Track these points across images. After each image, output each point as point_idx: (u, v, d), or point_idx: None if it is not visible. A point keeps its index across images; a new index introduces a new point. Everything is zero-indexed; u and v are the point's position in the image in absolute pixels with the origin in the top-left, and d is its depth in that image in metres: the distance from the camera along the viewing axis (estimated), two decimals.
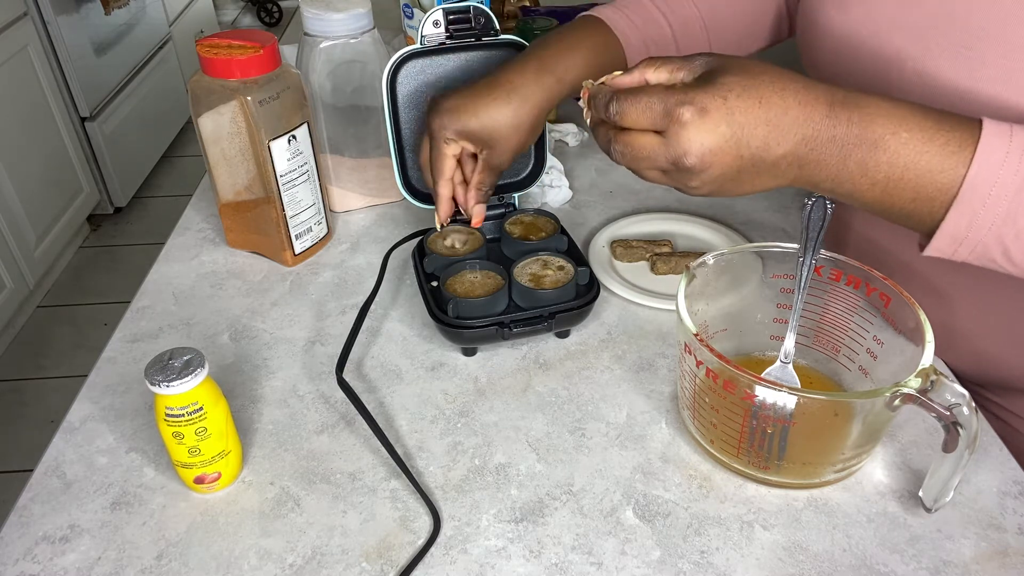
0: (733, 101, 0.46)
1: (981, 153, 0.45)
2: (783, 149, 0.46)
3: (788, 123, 0.46)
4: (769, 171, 0.48)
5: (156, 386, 0.51)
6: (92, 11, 2.36)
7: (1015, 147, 0.45)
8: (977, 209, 0.45)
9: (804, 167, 0.48)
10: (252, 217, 0.79)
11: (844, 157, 0.47)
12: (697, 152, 0.46)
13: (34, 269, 2.12)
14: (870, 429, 0.53)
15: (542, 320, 0.67)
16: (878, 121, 0.46)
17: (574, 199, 0.90)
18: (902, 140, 0.46)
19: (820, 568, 0.51)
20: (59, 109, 2.23)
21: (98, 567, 0.52)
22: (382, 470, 0.59)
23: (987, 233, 0.46)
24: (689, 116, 0.46)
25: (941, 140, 0.46)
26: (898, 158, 0.46)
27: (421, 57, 0.74)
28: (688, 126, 0.46)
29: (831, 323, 0.61)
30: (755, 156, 0.47)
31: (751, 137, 0.46)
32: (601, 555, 0.53)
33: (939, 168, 0.46)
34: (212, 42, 0.71)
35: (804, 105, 0.46)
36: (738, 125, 0.46)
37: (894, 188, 0.47)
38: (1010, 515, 0.54)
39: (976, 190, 0.45)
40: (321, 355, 0.69)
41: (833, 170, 0.47)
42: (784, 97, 0.46)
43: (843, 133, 0.46)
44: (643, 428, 0.62)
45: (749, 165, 0.47)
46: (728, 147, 0.46)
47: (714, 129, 0.46)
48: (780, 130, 0.46)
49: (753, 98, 0.46)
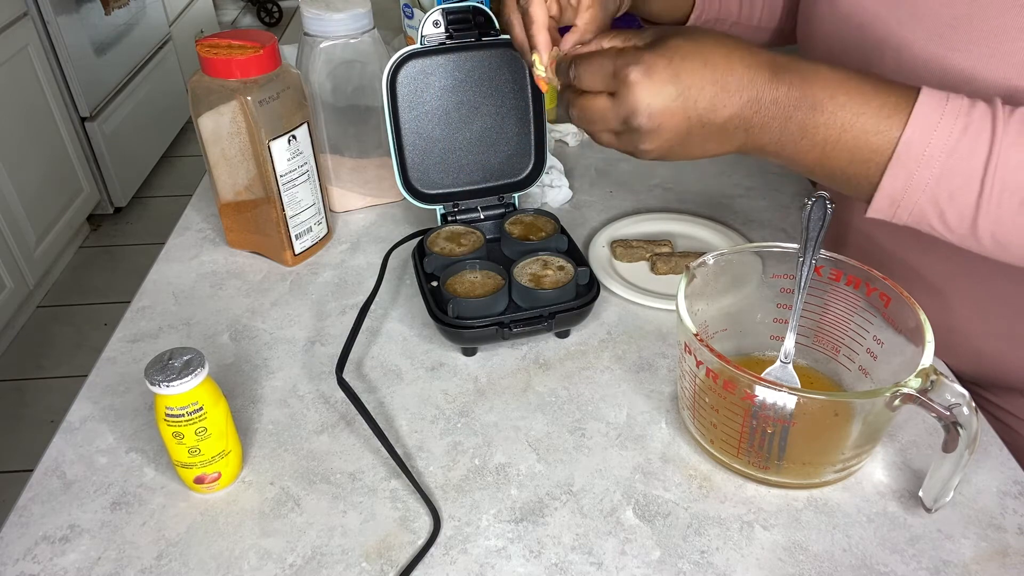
0: (679, 62, 0.47)
1: (916, 116, 0.46)
2: (729, 111, 0.48)
3: (734, 84, 0.47)
4: (717, 134, 0.49)
5: (156, 386, 0.51)
6: (92, 11, 2.36)
7: (949, 110, 0.46)
8: (912, 170, 0.47)
9: (750, 130, 0.49)
10: (252, 217, 0.79)
11: (786, 119, 0.48)
12: (645, 111, 0.47)
13: (34, 269, 2.12)
14: (870, 429, 0.53)
15: (542, 320, 0.67)
16: (818, 84, 0.48)
17: (574, 199, 0.90)
18: (839, 103, 0.47)
19: (820, 568, 0.51)
20: (59, 109, 2.23)
21: (98, 567, 0.52)
22: (382, 470, 0.59)
23: (922, 194, 0.47)
24: (636, 76, 0.47)
25: (877, 103, 0.47)
26: (835, 119, 0.47)
27: (421, 57, 0.74)
28: (635, 86, 0.47)
29: (831, 323, 0.61)
30: (703, 117, 0.48)
31: (698, 97, 0.47)
32: (601, 555, 0.53)
33: (874, 130, 0.47)
34: (212, 42, 0.71)
35: (749, 68, 0.48)
36: (684, 85, 0.47)
37: (832, 150, 0.48)
38: (1010, 515, 0.54)
39: (910, 152, 0.46)
40: (321, 355, 0.69)
41: (776, 133, 0.49)
42: (730, 60, 0.48)
43: (785, 95, 0.48)
44: (643, 428, 0.62)
45: (698, 126, 0.48)
46: (676, 107, 0.47)
47: (661, 89, 0.47)
48: (727, 91, 0.47)
49: (699, 59, 0.47)
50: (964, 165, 0.46)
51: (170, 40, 2.90)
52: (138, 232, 2.51)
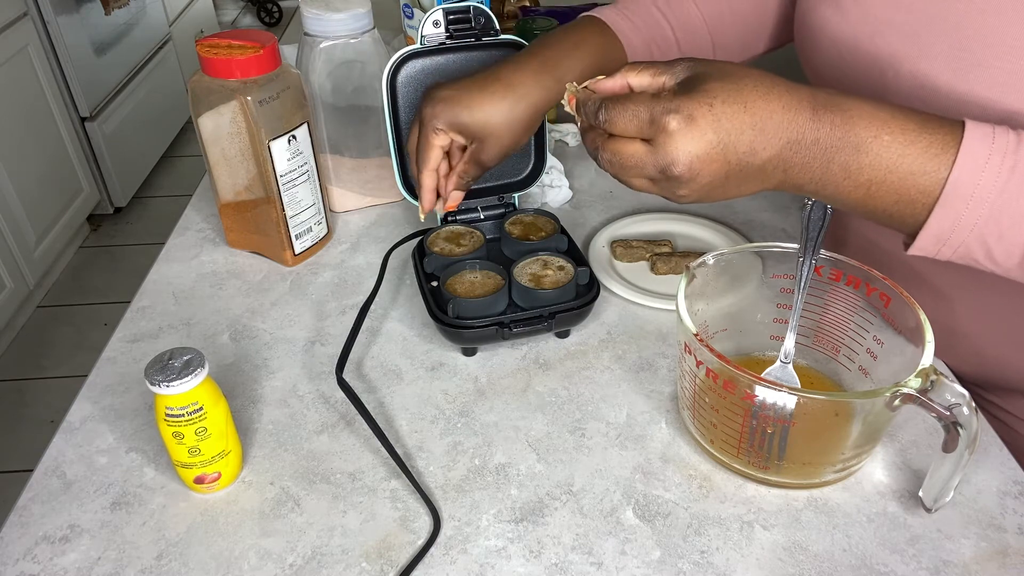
0: (719, 107, 0.46)
1: (963, 155, 0.45)
2: (769, 153, 0.47)
3: (773, 127, 0.46)
4: (756, 175, 0.48)
5: (156, 386, 0.51)
6: (92, 11, 2.36)
7: (997, 148, 0.45)
8: (960, 211, 0.46)
9: (789, 170, 0.48)
10: (252, 217, 0.79)
11: (828, 160, 0.47)
12: (685, 160, 0.46)
13: (34, 269, 2.12)
14: (870, 429, 0.53)
15: (542, 320, 0.67)
16: (860, 124, 0.46)
17: (574, 199, 0.90)
18: (884, 143, 0.46)
19: (820, 568, 0.51)
20: (59, 109, 2.23)
21: (98, 567, 0.52)
22: (382, 470, 0.59)
23: (970, 234, 0.46)
24: (676, 125, 0.46)
25: (923, 143, 0.46)
26: (880, 161, 0.46)
27: (421, 57, 0.74)
28: (675, 135, 0.46)
29: (831, 323, 0.61)
30: (742, 161, 0.47)
31: (738, 143, 0.46)
32: (601, 555, 0.53)
33: (921, 171, 0.46)
34: (212, 42, 0.71)
35: (788, 109, 0.46)
36: (725, 132, 0.46)
37: (877, 190, 0.47)
38: (1010, 515, 0.54)
39: (958, 192, 0.45)
40: (321, 355, 0.69)
41: (817, 173, 0.47)
42: (769, 101, 0.46)
43: (827, 136, 0.46)
44: (643, 428, 0.62)
45: (736, 171, 0.47)
46: (716, 154, 0.46)
47: (701, 137, 0.46)
48: (766, 134, 0.46)
49: (738, 103, 0.46)
50: (1014, 205, 0.45)
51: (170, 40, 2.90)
52: (138, 232, 2.51)
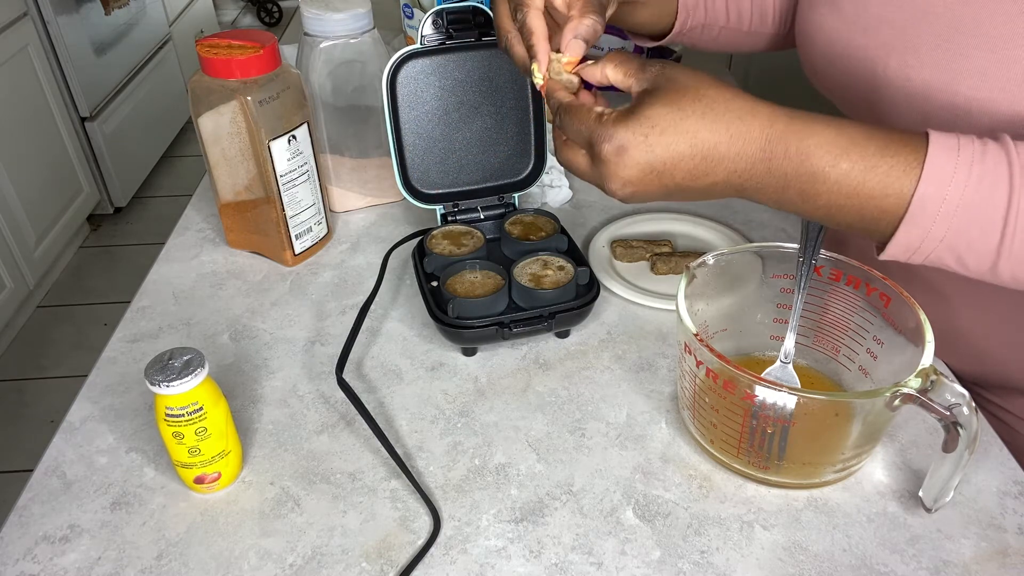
0: (654, 138, 0.46)
1: (928, 171, 0.44)
2: (713, 179, 0.47)
3: (718, 157, 0.46)
4: (704, 193, 0.49)
5: (156, 386, 0.51)
6: (92, 11, 2.36)
7: (963, 160, 0.44)
8: (928, 226, 0.45)
9: (742, 191, 0.48)
10: (252, 217, 0.79)
11: (783, 187, 0.47)
12: (617, 182, 0.48)
13: (34, 269, 2.12)
14: (870, 429, 0.53)
15: (542, 320, 0.67)
16: (816, 155, 0.45)
17: (574, 199, 0.90)
18: (842, 171, 0.45)
19: (820, 568, 0.51)
20: (59, 109, 2.23)
21: (98, 567, 0.52)
22: (382, 470, 0.59)
23: (939, 244, 0.46)
24: (607, 152, 0.47)
25: (885, 167, 0.45)
26: (839, 188, 0.46)
27: (421, 57, 0.74)
28: (607, 162, 0.48)
29: (831, 323, 0.61)
30: (681, 185, 0.48)
31: (674, 171, 0.47)
32: (601, 555, 0.53)
33: (882, 194, 0.45)
34: (212, 42, 0.71)
35: (735, 140, 0.46)
36: (659, 160, 0.46)
37: (838, 213, 0.47)
38: (1010, 515, 0.55)
39: (925, 209, 0.45)
40: (321, 355, 0.69)
41: (773, 196, 0.48)
42: (715, 131, 0.46)
43: (779, 167, 0.46)
44: (643, 428, 0.62)
45: (677, 191, 0.48)
46: (650, 178, 0.47)
47: (633, 164, 0.47)
48: (709, 162, 0.46)
49: (678, 134, 0.46)
50: (982, 216, 0.44)
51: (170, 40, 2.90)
52: (138, 232, 2.51)
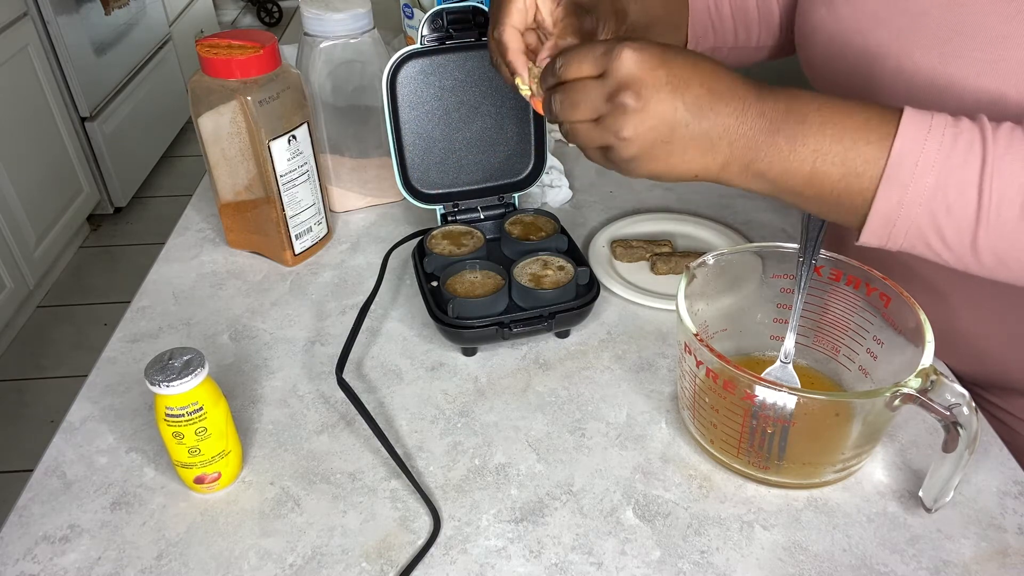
0: (671, 55, 0.48)
1: (904, 127, 0.46)
2: (716, 116, 0.48)
3: (721, 90, 0.48)
4: (701, 139, 0.48)
5: (156, 386, 0.51)
6: (92, 11, 2.36)
7: (936, 124, 0.46)
8: (906, 181, 0.46)
9: (735, 142, 0.48)
10: (252, 217, 0.79)
11: (774, 131, 0.48)
12: (636, 83, 0.47)
13: (34, 269, 2.12)
14: (870, 429, 0.53)
15: (542, 320, 0.67)
16: (803, 99, 0.48)
17: (574, 199, 0.90)
18: (826, 115, 0.48)
19: (820, 568, 0.51)
20: (59, 109, 2.23)
21: (98, 567, 0.52)
22: (382, 470, 0.59)
23: (919, 209, 0.46)
24: (629, 50, 0.47)
25: (864, 116, 0.47)
26: (824, 130, 0.47)
27: (421, 57, 0.74)
28: (627, 58, 0.47)
29: (831, 323, 0.61)
30: (689, 112, 0.47)
31: (686, 92, 0.47)
32: (601, 555, 0.53)
33: (864, 140, 0.47)
34: (212, 42, 0.71)
35: (735, 81, 0.49)
36: (674, 74, 0.47)
37: (822, 163, 0.48)
38: (1010, 515, 0.54)
39: (903, 162, 0.46)
40: (321, 355, 0.69)
41: (763, 145, 0.48)
42: (717, 69, 0.49)
43: (771, 108, 0.48)
44: (643, 428, 0.62)
45: (683, 125, 0.48)
46: (665, 92, 0.47)
47: (652, 68, 0.47)
48: (714, 95, 0.48)
49: (688, 61, 0.48)
50: (959, 175, 0.45)
51: (170, 40, 2.90)
52: (138, 232, 2.51)
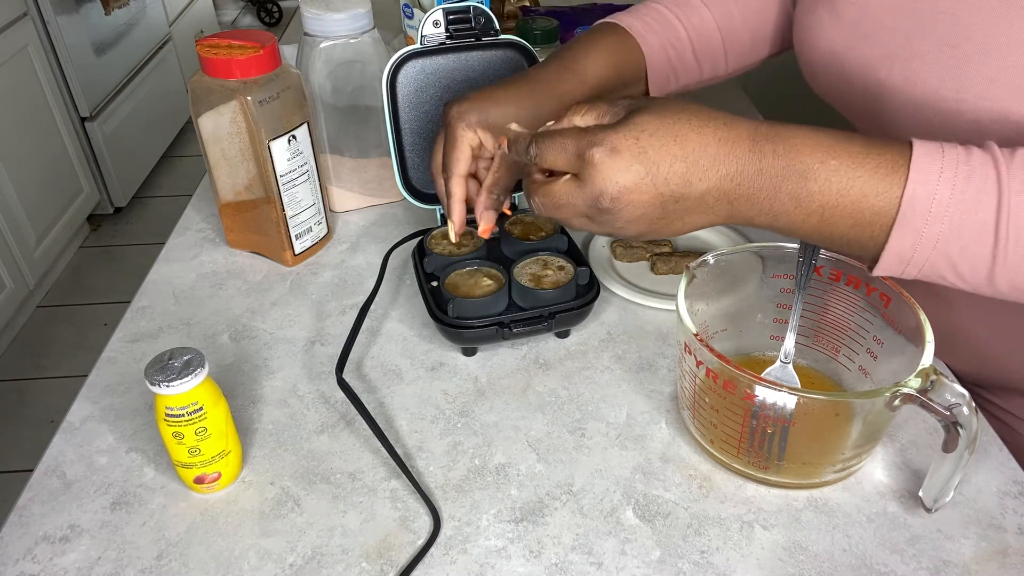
0: (645, 140, 0.46)
1: (915, 171, 0.44)
2: (706, 185, 0.46)
3: (708, 159, 0.46)
4: (697, 207, 0.48)
5: (156, 386, 0.51)
6: (92, 11, 2.36)
7: (948, 162, 0.44)
8: (919, 228, 0.45)
9: (734, 202, 0.47)
10: (252, 217, 0.79)
11: (775, 189, 0.46)
12: (612, 191, 0.46)
13: (34, 269, 2.12)
14: (870, 429, 0.53)
15: (542, 320, 0.67)
16: (804, 151, 0.46)
17: None
18: (831, 168, 0.45)
19: (820, 568, 0.51)
20: (59, 109, 2.23)
21: (98, 567, 0.52)
22: (382, 470, 0.59)
23: (933, 250, 0.45)
24: (600, 156, 0.46)
25: (872, 164, 0.45)
26: (830, 186, 0.45)
27: (421, 57, 0.74)
28: (599, 166, 0.46)
29: (831, 323, 0.61)
30: (676, 193, 0.47)
31: (669, 174, 0.46)
32: (601, 555, 0.53)
33: (874, 192, 0.45)
34: (212, 42, 0.71)
35: (724, 142, 0.46)
36: (652, 163, 0.46)
37: (831, 216, 0.46)
38: (1010, 515, 0.55)
39: (915, 209, 0.44)
40: (321, 355, 0.69)
41: (765, 204, 0.47)
42: (703, 135, 0.46)
43: (770, 165, 0.46)
44: (643, 428, 0.62)
45: (672, 202, 0.47)
46: (644, 185, 0.46)
47: (627, 168, 0.46)
48: (700, 166, 0.46)
49: (668, 135, 0.46)
50: (974, 217, 0.44)
51: (170, 40, 2.90)
52: (138, 232, 2.51)
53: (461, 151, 0.62)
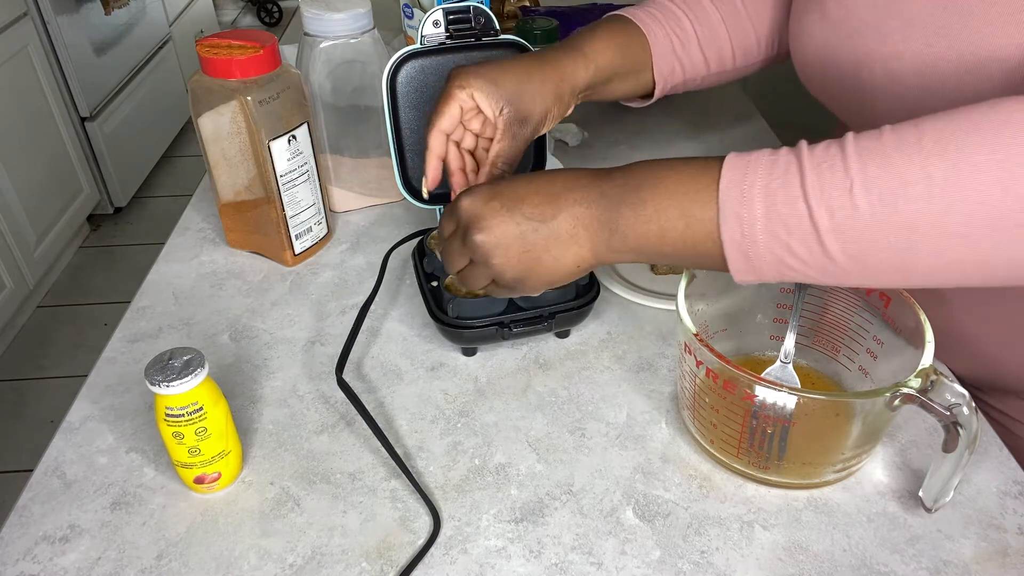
0: (503, 185, 0.54)
1: (726, 168, 0.48)
2: (559, 212, 0.52)
3: (557, 191, 0.53)
4: (560, 237, 0.52)
5: (156, 386, 0.51)
6: (92, 11, 2.36)
7: (755, 157, 0.48)
8: (739, 212, 0.46)
9: (588, 227, 0.52)
10: (252, 217, 0.79)
11: (617, 205, 0.51)
12: (475, 218, 0.53)
13: (34, 269, 2.12)
14: (870, 429, 0.53)
15: (542, 320, 0.67)
16: (637, 171, 0.52)
17: None
18: (659, 178, 0.50)
19: (820, 568, 0.51)
20: (59, 109, 2.23)
21: (98, 567, 0.52)
22: (382, 470, 0.59)
23: (762, 235, 0.46)
24: (461, 199, 0.55)
25: (691, 170, 0.49)
26: (658, 192, 0.50)
27: (421, 57, 0.74)
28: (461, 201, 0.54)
29: (831, 323, 0.61)
30: (532, 220, 0.52)
31: (522, 205, 0.52)
32: (601, 555, 0.53)
33: (694, 188, 0.49)
34: (212, 42, 0.71)
35: (570, 177, 0.54)
36: (507, 198, 0.53)
37: (666, 220, 0.49)
38: (1010, 515, 0.55)
39: (729, 196, 0.47)
40: (321, 355, 0.69)
41: (614, 220, 0.51)
42: (552, 178, 0.54)
43: (609, 187, 0.52)
44: (643, 428, 0.62)
45: (531, 231, 0.52)
46: (503, 215, 0.52)
47: (486, 201, 0.53)
48: (552, 197, 0.52)
49: (520, 179, 0.55)
50: (783, 193, 0.46)
51: (170, 40, 2.90)
52: (138, 232, 2.51)
53: (449, 107, 0.63)
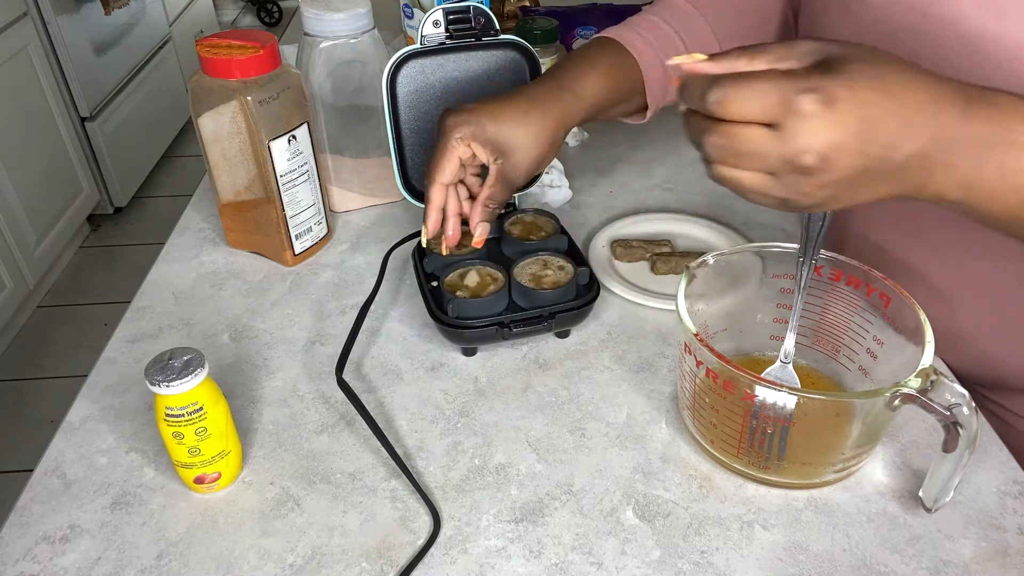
0: (862, 92, 0.40)
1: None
2: (912, 147, 0.41)
3: (919, 119, 0.41)
4: (893, 175, 0.42)
5: (156, 386, 0.51)
6: (92, 11, 2.36)
7: None
8: None
9: (933, 171, 0.42)
10: (252, 217, 0.79)
11: (980, 159, 0.42)
12: (820, 148, 0.40)
13: (34, 269, 2.12)
14: (870, 429, 0.53)
15: (542, 320, 0.67)
16: (1018, 118, 0.41)
17: (574, 199, 0.90)
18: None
19: (820, 568, 0.51)
20: (59, 109, 2.23)
21: (98, 567, 0.52)
22: (382, 470, 0.59)
23: None
24: (813, 107, 0.39)
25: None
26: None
27: (421, 57, 0.74)
28: (812, 118, 0.39)
29: (831, 323, 0.61)
30: (882, 155, 0.41)
31: (880, 133, 0.40)
32: (601, 555, 0.53)
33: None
34: (212, 42, 0.71)
35: (935, 101, 0.41)
36: (868, 119, 0.40)
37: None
38: (1010, 515, 0.55)
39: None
40: (321, 355, 0.69)
41: (966, 173, 0.42)
42: (915, 90, 0.41)
43: (978, 131, 0.41)
44: (643, 428, 0.62)
45: (875, 167, 0.41)
46: (854, 145, 0.40)
47: (842, 122, 0.39)
48: (912, 127, 0.41)
49: (882, 90, 0.40)
50: None
51: (170, 40, 2.90)
52: (138, 232, 2.51)
53: (448, 161, 0.64)
